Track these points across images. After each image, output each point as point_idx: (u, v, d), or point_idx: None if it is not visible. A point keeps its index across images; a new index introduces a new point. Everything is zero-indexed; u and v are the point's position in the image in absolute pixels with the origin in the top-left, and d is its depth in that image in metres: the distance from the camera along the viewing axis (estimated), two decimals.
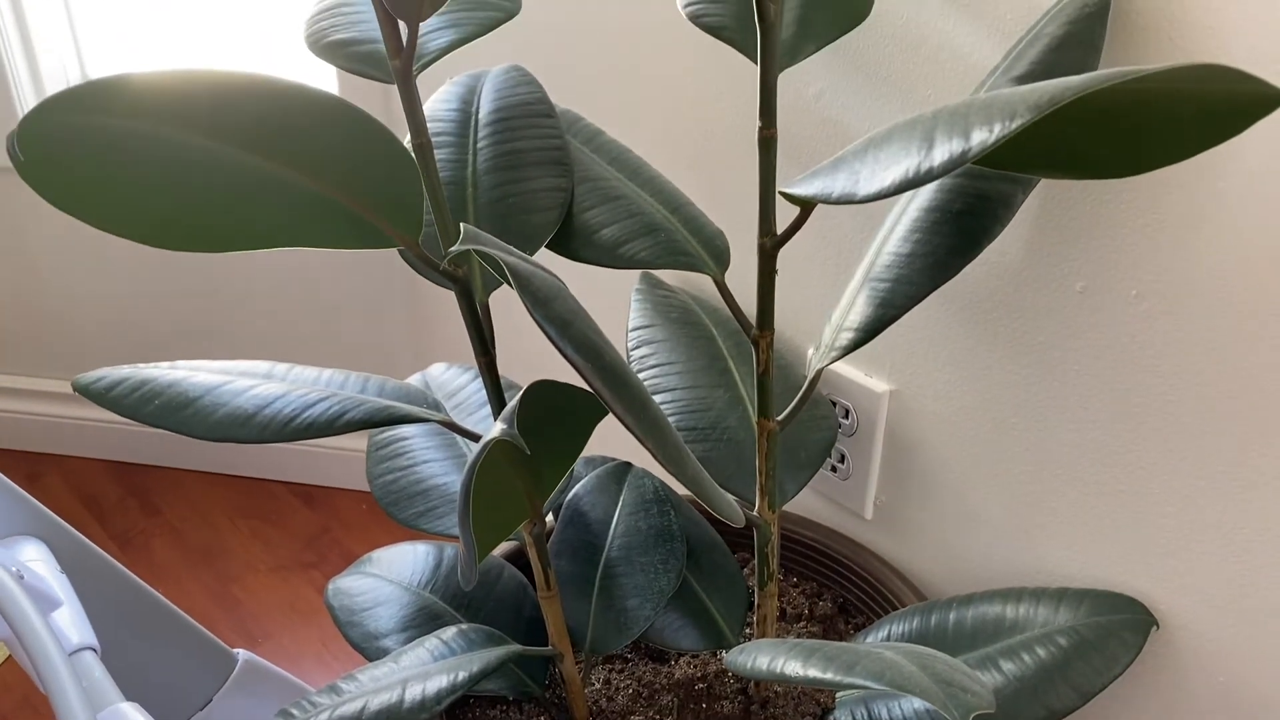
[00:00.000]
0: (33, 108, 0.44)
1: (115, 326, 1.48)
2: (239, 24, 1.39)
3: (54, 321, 1.50)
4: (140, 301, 1.45)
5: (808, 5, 0.66)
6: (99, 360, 1.50)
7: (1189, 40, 0.62)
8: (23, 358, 1.54)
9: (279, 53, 1.38)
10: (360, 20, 0.66)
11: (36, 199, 1.36)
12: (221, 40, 1.41)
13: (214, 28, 1.40)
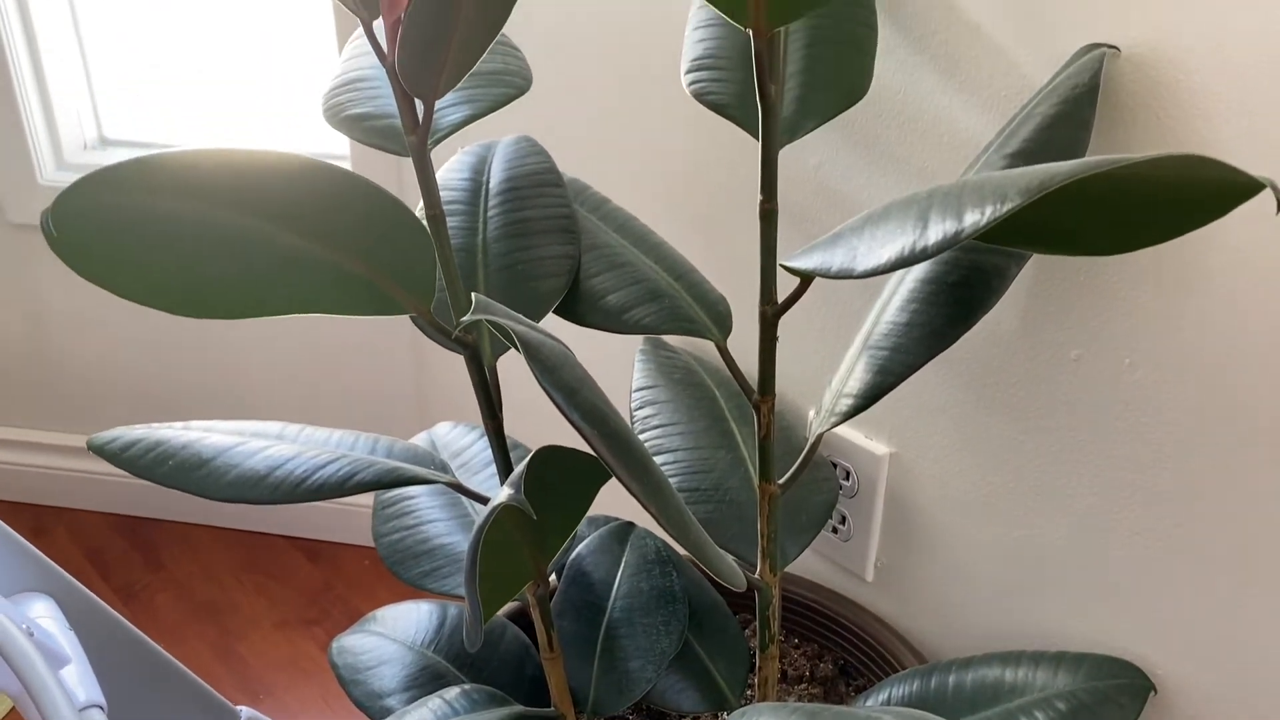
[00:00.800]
0: (66, 187, 0.46)
1: (124, 380, 1.50)
2: (253, 80, 1.43)
3: (63, 375, 1.52)
4: (149, 355, 1.47)
5: (807, 84, 0.69)
6: (106, 413, 1.51)
7: (1176, 120, 0.64)
8: (31, 410, 1.56)
9: (294, 113, 1.41)
10: (377, 95, 0.69)
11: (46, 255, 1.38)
12: (235, 95, 1.44)
13: (227, 82, 1.44)
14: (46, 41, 1.37)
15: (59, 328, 1.48)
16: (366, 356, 1.40)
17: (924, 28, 0.75)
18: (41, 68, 1.38)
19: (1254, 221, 0.62)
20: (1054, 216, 0.50)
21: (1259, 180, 0.41)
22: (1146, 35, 0.64)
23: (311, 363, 1.43)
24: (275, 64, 1.41)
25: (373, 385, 1.42)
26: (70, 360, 1.50)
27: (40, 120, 1.40)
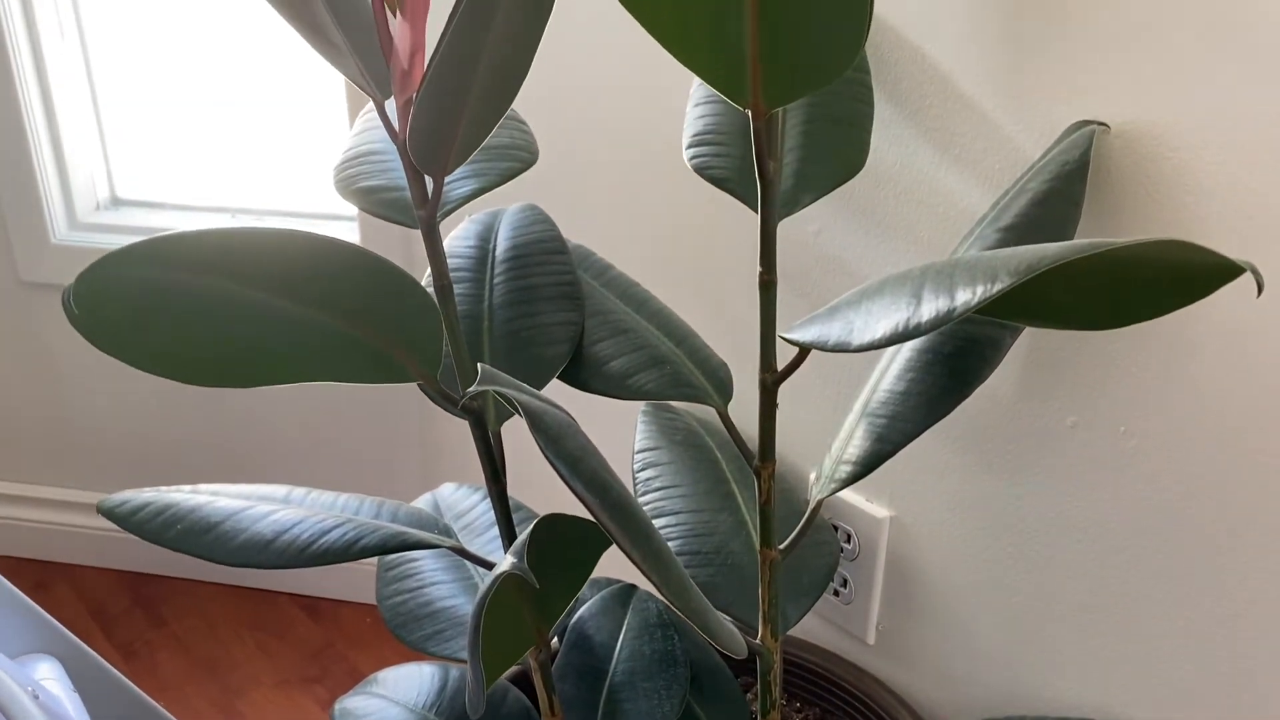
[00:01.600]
0: (88, 266, 0.47)
1: (131, 437, 1.51)
2: (266, 140, 1.46)
3: (71, 431, 1.53)
4: (157, 413, 1.48)
5: (805, 159, 0.71)
6: (113, 470, 1.52)
7: (1164, 195, 0.66)
8: (38, 467, 1.57)
9: (306, 174, 1.44)
10: (388, 168, 0.71)
11: (57, 314, 1.40)
12: (248, 155, 1.47)
13: (240, 143, 1.47)
14: (62, 102, 1.40)
15: (68, 384, 1.49)
16: (372, 416, 1.41)
17: (919, 102, 0.77)
18: (57, 129, 1.41)
19: (1246, 295, 0.63)
20: (1044, 294, 0.52)
21: (1238, 264, 0.43)
22: (1135, 113, 0.66)
23: (319, 421, 1.44)
24: (288, 125, 1.44)
25: (378, 444, 1.43)
26: (78, 417, 1.51)
27: (55, 181, 1.43)
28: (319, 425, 1.45)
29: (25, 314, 1.47)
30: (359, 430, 1.43)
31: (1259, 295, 0.43)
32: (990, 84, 0.73)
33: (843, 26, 0.53)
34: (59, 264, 1.43)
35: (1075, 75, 0.68)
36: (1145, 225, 0.67)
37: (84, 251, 1.43)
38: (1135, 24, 0.65)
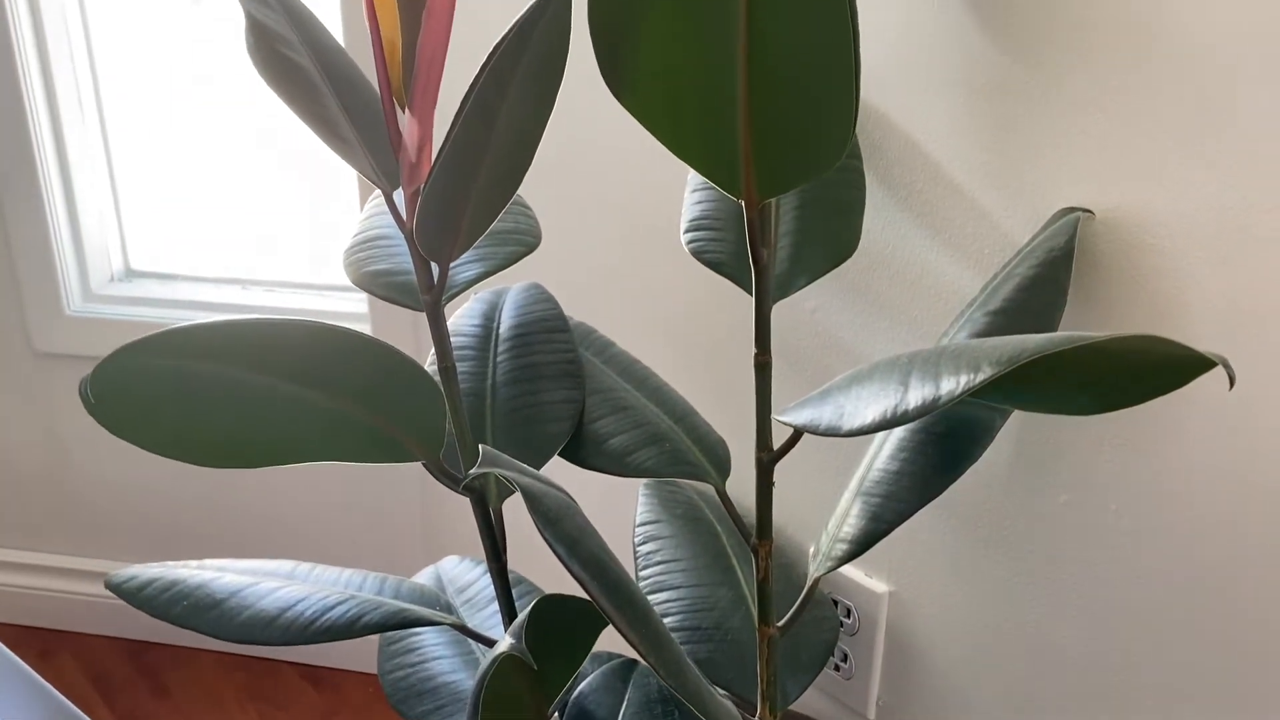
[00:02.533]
0: (105, 357, 0.49)
1: (138, 507, 1.52)
2: (277, 213, 1.49)
3: (78, 500, 1.54)
4: (164, 484, 1.50)
5: (798, 244, 0.73)
6: (119, 539, 1.53)
7: (1147, 279, 0.68)
8: (44, 535, 1.58)
9: (316, 245, 1.47)
10: (395, 252, 0.73)
11: (69, 385, 1.41)
12: (259, 227, 1.50)
13: (251, 215, 1.50)
14: (80, 175, 1.43)
15: (77, 453, 1.51)
16: (375, 489, 1.42)
17: (910, 187, 0.80)
18: (74, 202, 1.45)
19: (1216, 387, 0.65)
20: (1028, 382, 0.53)
21: (1211, 358, 0.44)
22: (1118, 200, 0.68)
23: (322, 493, 1.45)
24: (298, 196, 1.47)
25: (382, 513, 1.44)
26: (86, 485, 1.53)
27: (70, 253, 1.46)
28: (323, 494, 1.46)
29: (38, 383, 1.49)
30: (363, 500, 1.44)
31: (1231, 388, 0.45)
32: (979, 171, 0.75)
33: (829, 128, 0.55)
34: (72, 335, 1.46)
35: (1060, 164, 0.71)
36: (1129, 309, 0.68)
37: (97, 323, 1.45)
38: (1117, 118, 0.67)
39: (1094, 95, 0.68)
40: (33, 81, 1.36)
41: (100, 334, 1.44)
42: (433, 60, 0.62)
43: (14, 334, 1.47)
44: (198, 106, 1.48)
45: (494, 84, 0.58)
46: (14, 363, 1.48)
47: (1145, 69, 0.66)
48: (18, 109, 1.35)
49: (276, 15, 0.62)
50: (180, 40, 1.46)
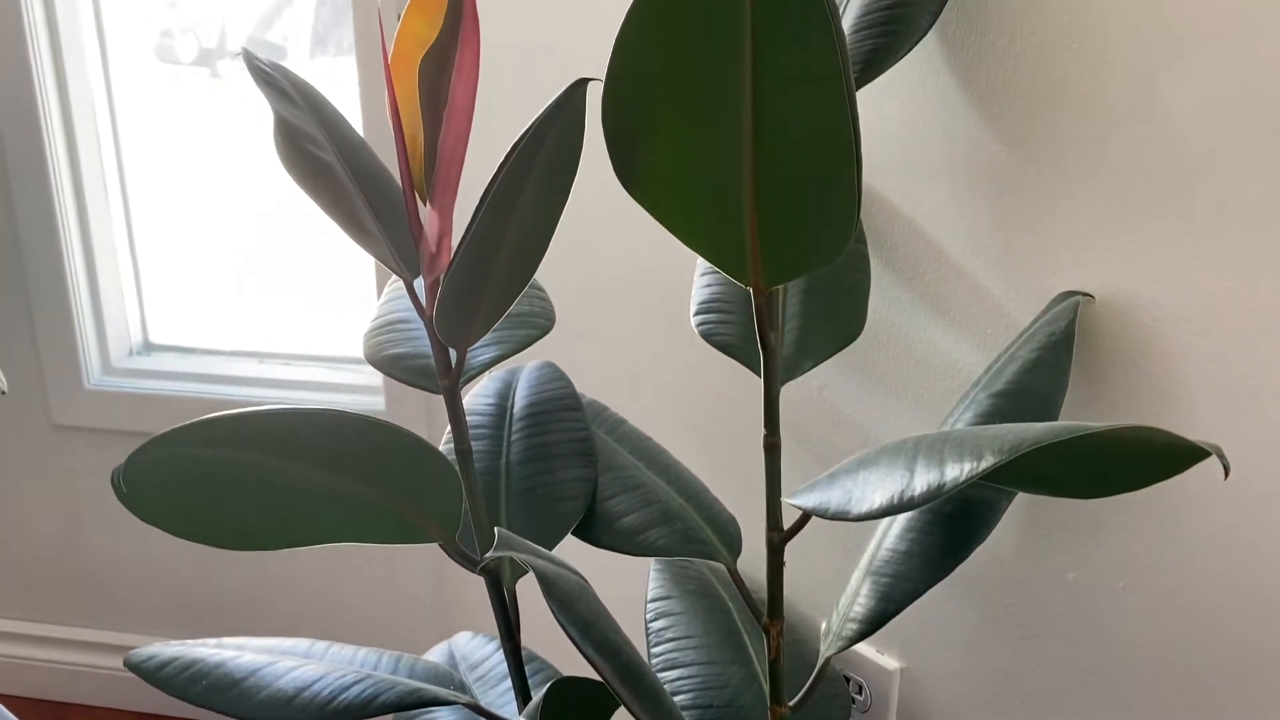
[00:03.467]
0: (138, 447, 0.51)
1: (155, 581, 1.53)
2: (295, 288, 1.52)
3: (95, 574, 1.55)
4: (181, 557, 1.51)
5: (805, 327, 0.75)
6: (136, 613, 1.54)
7: (1148, 362, 0.69)
8: (58, 607, 1.58)
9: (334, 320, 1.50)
10: (413, 335, 0.75)
11: (87, 458, 1.43)
12: (278, 302, 1.53)
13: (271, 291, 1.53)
14: (102, 251, 1.46)
15: (94, 527, 1.52)
16: (391, 560, 1.43)
17: (914, 269, 0.82)
18: (96, 277, 1.47)
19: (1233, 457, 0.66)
20: (1030, 468, 0.55)
21: (1205, 448, 0.46)
22: (1118, 283, 0.70)
23: (337, 568, 1.46)
24: (315, 272, 1.50)
25: (396, 589, 1.44)
26: (101, 559, 1.54)
27: (91, 327, 1.48)
28: (339, 567, 1.46)
29: (56, 456, 1.51)
30: (378, 573, 1.45)
31: (1226, 478, 0.46)
32: (980, 255, 0.78)
33: (833, 221, 0.57)
34: (92, 408, 1.48)
35: (1060, 248, 0.73)
36: (1131, 391, 0.70)
37: (116, 396, 1.48)
38: (1115, 204, 0.70)
39: (1092, 182, 0.71)
40: (59, 156, 1.40)
41: (119, 408, 1.46)
42: (453, 156, 0.65)
43: (34, 407, 1.49)
44: (217, 179, 1.52)
45: (512, 181, 0.60)
46: (33, 435, 1.50)
47: (1143, 156, 0.68)
48: (44, 184, 1.39)
49: (303, 113, 0.65)
50: (200, 114, 1.51)
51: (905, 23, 0.66)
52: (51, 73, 1.36)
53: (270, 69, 0.67)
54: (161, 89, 1.50)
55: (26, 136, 1.36)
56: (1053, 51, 0.72)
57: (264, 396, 1.44)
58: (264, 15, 1.79)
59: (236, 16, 1.75)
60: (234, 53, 1.69)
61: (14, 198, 1.39)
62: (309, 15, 1.77)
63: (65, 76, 1.37)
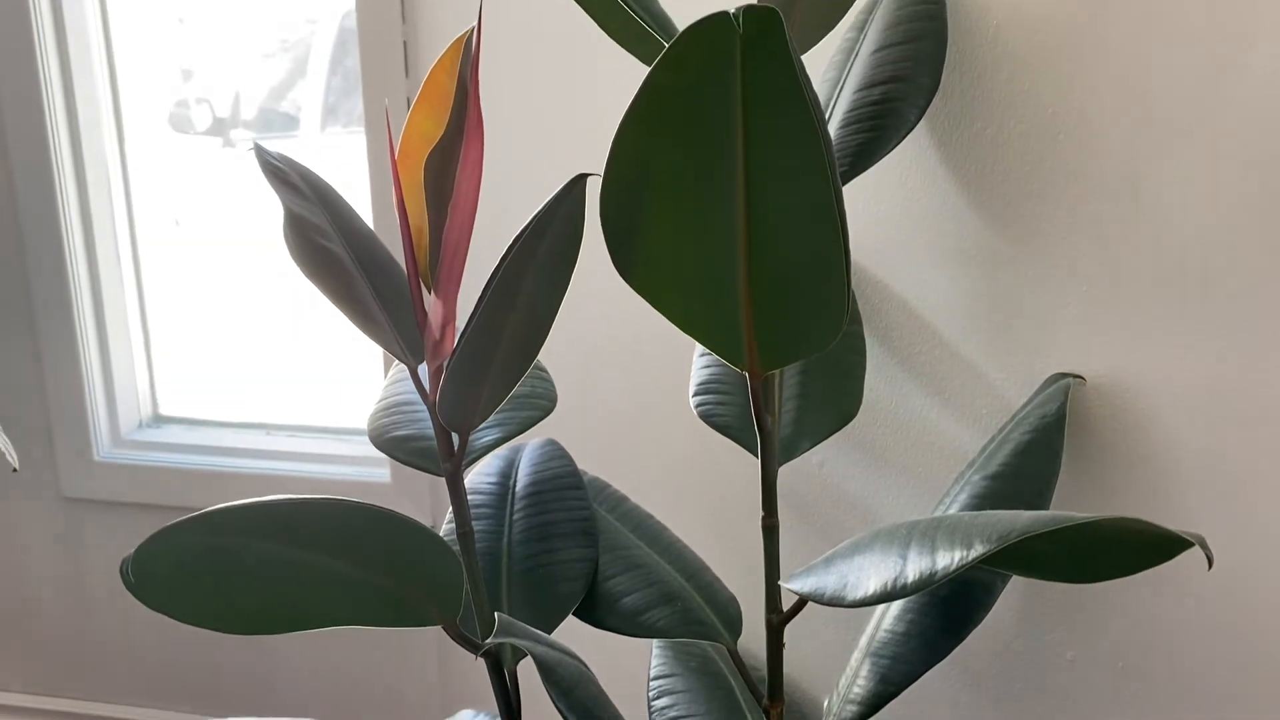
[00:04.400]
0: (146, 539, 0.52)
1: (161, 656, 1.53)
2: (304, 359, 1.54)
3: (101, 648, 1.55)
4: (182, 635, 1.50)
5: (802, 407, 0.76)
6: (137, 686, 1.53)
7: (1138, 443, 0.70)
8: (62, 680, 1.58)
9: (340, 392, 1.51)
10: (417, 418, 0.77)
11: (95, 531, 1.43)
12: (286, 371, 1.54)
13: (278, 359, 1.55)
14: (114, 324, 1.48)
15: (99, 599, 1.52)
16: (393, 641, 1.43)
17: (909, 349, 0.83)
18: (108, 350, 1.49)
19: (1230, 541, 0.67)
20: (1021, 553, 0.56)
21: (1187, 538, 0.47)
22: (1108, 366, 0.72)
23: (340, 645, 1.45)
24: (321, 343, 1.52)
25: (399, 667, 1.44)
26: (108, 633, 1.53)
27: (102, 400, 1.50)
28: (342, 644, 1.46)
29: (64, 528, 1.52)
30: (380, 650, 1.45)
31: (1209, 568, 0.47)
32: (974, 335, 0.79)
33: (825, 311, 0.59)
34: (101, 480, 1.49)
35: (1050, 330, 0.74)
36: (1124, 473, 0.71)
37: (125, 468, 1.49)
38: (1104, 288, 0.71)
39: (1081, 266, 0.72)
40: (73, 227, 1.42)
41: (128, 480, 1.47)
42: (457, 247, 0.67)
43: (44, 480, 1.50)
44: (227, 250, 1.54)
45: (514, 271, 0.62)
46: (42, 508, 1.51)
47: (1129, 243, 0.70)
48: (58, 257, 1.41)
49: (312, 206, 0.68)
50: (213, 182, 1.54)
51: (892, 117, 0.68)
52: (68, 147, 1.39)
53: (280, 163, 0.69)
54: (175, 158, 1.53)
55: (42, 207, 1.38)
56: (1040, 141, 0.74)
57: (272, 468, 1.45)
58: (276, 86, 1.84)
59: (250, 86, 1.79)
60: (247, 121, 1.72)
61: (29, 269, 1.41)
62: (320, 86, 1.82)
63: (81, 151, 1.39)
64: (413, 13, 1.02)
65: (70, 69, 1.35)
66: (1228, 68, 0.69)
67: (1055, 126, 0.74)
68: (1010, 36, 0.74)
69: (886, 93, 0.69)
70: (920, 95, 0.69)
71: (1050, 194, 0.73)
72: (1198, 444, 0.68)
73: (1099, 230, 0.72)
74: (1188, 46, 0.69)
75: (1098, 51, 0.72)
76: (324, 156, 1.76)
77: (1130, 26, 0.71)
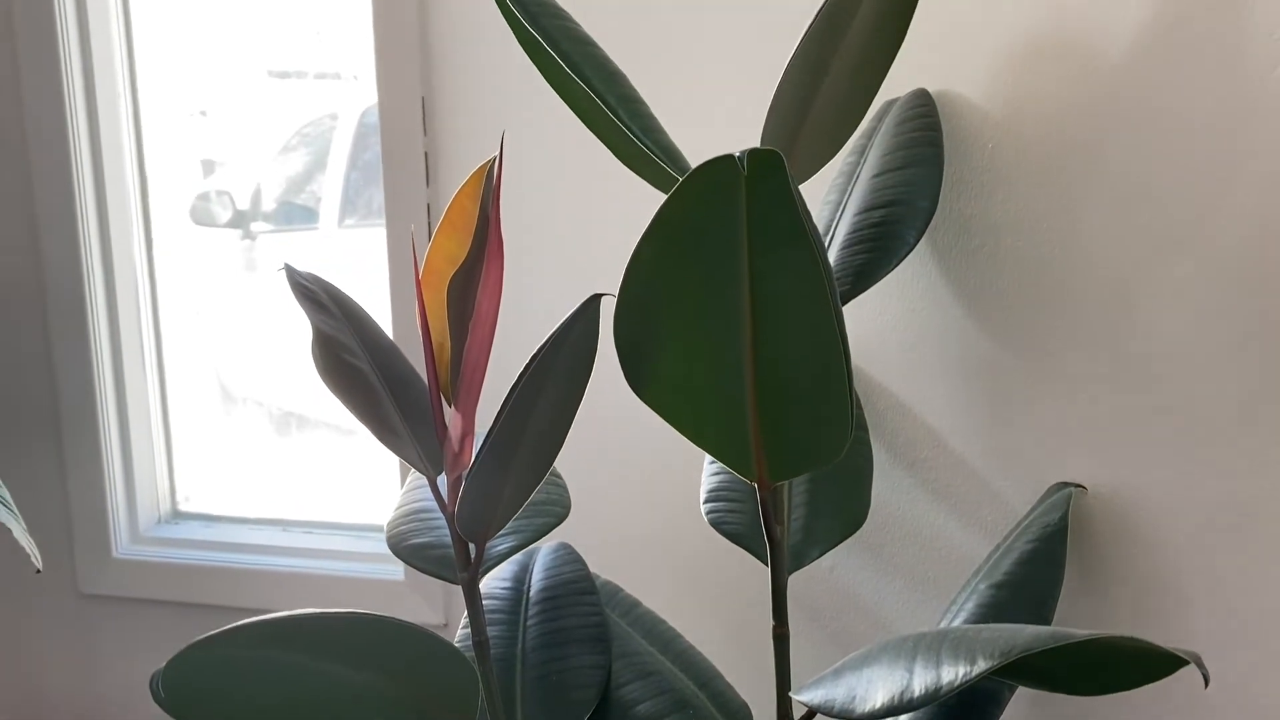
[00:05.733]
0: (176, 654, 0.54)
1: None
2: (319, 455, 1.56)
3: None
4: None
5: (811, 515, 0.78)
6: None
7: (1140, 551, 0.72)
8: None
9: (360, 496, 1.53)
10: (434, 525, 0.79)
11: (111, 627, 1.43)
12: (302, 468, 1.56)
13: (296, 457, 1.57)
14: (137, 423, 1.51)
15: (117, 696, 1.52)
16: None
17: (915, 455, 0.85)
18: (130, 449, 1.52)
19: (1245, 650, 0.68)
20: (1023, 668, 0.57)
21: (1183, 656, 0.48)
22: (1108, 476, 0.74)
23: None
24: (338, 440, 1.54)
25: None
26: (120, 712, 1.53)
27: (122, 497, 1.52)
28: None
29: (82, 625, 1.52)
30: None
31: (1206, 687, 0.48)
32: (977, 443, 0.81)
33: (830, 426, 0.61)
34: (119, 578, 1.51)
35: (1051, 440, 0.77)
36: (1126, 584, 0.72)
37: (143, 565, 1.50)
38: (1104, 401, 0.73)
39: (1082, 379, 0.75)
40: (100, 331, 1.46)
41: (146, 577, 1.49)
42: (477, 363, 0.70)
43: (62, 576, 1.51)
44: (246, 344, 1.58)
45: (531, 387, 0.65)
46: (59, 605, 1.52)
47: (1123, 355, 0.73)
48: (85, 357, 1.44)
49: (339, 324, 0.71)
50: (233, 275, 1.57)
51: (893, 239, 0.71)
52: (98, 250, 1.43)
53: (309, 282, 0.72)
54: (197, 251, 1.56)
55: (71, 306, 1.41)
56: (1037, 258, 0.77)
57: (288, 565, 1.46)
58: (295, 178, 1.90)
59: (270, 179, 1.84)
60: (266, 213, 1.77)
61: (56, 366, 1.44)
62: (339, 180, 1.87)
63: (111, 253, 1.43)
64: (434, 124, 1.07)
65: (103, 172, 1.39)
66: (1219, 190, 0.72)
67: (1051, 244, 0.77)
68: (1005, 157, 0.78)
69: (886, 216, 0.72)
70: (919, 218, 0.72)
71: (1049, 309, 0.76)
72: (1197, 559, 0.69)
73: (1096, 345, 0.75)
74: (1181, 169, 0.73)
75: (1091, 173, 0.76)
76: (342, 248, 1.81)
77: (1124, 150, 0.74)
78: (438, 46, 0.99)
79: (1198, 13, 0.71)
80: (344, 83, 1.64)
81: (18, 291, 1.43)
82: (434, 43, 0.99)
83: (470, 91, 0.99)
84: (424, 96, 1.07)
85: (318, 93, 1.75)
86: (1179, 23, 0.71)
